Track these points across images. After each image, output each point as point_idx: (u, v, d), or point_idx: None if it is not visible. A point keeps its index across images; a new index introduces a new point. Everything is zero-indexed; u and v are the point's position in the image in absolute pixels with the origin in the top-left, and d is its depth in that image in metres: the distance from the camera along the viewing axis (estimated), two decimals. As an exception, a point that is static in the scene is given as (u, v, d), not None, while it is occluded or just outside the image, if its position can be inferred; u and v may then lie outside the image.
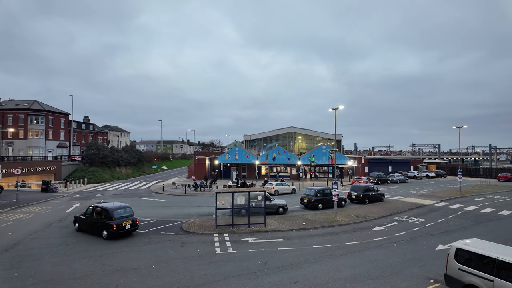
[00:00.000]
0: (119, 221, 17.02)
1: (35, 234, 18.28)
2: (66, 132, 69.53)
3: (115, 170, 57.90)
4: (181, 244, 16.14)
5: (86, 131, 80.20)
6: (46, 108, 65.42)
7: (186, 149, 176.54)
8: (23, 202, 28.92)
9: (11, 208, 26.15)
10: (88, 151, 56.41)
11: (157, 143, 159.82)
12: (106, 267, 12.76)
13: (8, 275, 11.98)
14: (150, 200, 32.08)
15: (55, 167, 47.58)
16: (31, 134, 61.82)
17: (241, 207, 20.11)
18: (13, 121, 62.02)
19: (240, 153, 51.20)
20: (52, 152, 63.60)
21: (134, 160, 65.17)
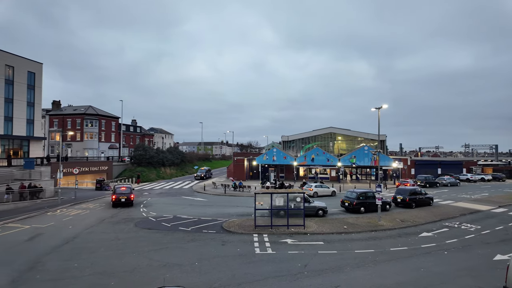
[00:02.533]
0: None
1: (91, 228, 19.95)
2: (116, 135, 74.86)
3: (160, 170, 61.09)
4: (222, 243, 16.58)
5: (134, 134, 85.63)
6: (99, 113, 71.03)
7: (225, 150, 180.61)
8: (80, 199, 31.71)
9: (71, 204, 28.81)
10: (136, 152, 60.24)
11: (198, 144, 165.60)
12: (153, 262, 13.55)
13: (69, 265, 13.23)
14: (193, 199, 33.34)
15: (107, 167, 51.46)
16: (86, 137, 67.58)
17: (279, 208, 20.12)
18: (71, 124, 68.30)
19: (277, 154, 51.18)
20: (104, 153, 68.86)
21: (177, 160, 68.20)
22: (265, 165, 52.66)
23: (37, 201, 28.88)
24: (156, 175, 57.82)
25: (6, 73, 45.49)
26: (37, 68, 50.69)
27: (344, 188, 39.86)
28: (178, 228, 19.84)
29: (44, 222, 21.71)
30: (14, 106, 46.51)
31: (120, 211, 25.83)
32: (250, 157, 56.33)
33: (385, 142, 64.76)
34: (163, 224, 21.01)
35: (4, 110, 45.11)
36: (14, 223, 21.29)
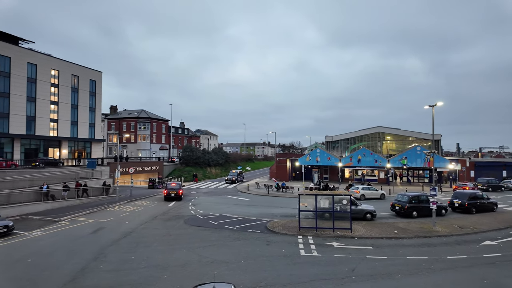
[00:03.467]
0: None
1: (145, 224, 21.45)
2: (166, 136, 79.36)
3: (206, 170, 63.47)
4: (267, 243, 16.77)
5: (182, 135, 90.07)
6: (151, 116, 75.91)
7: (267, 150, 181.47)
8: (135, 196, 34.20)
9: (127, 201, 31.22)
10: (184, 153, 63.34)
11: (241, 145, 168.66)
12: (202, 258, 14.18)
13: (127, 257, 14.40)
14: (237, 199, 34.12)
15: (158, 167, 54.82)
16: (139, 139, 72.65)
17: (324, 211, 19.75)
18: (126, 127, 73.91)
19: (321, 154, 50.16)
20: (155, 154, 73.38)
21: (222, 161, 70.28)
22: (308, 166, 51.96)
23: (99, 198, 31.79)
24: (202, 175, 60.15)
25: (72, 82, 50.76)
26: (97, 76, 55.80)
27: (394, 191, 37.77)
28: (224, 227, 20.49)
29: (105, 217, 23.84)
30: (78, 112, 51.71)
31: (170, 209, 27.37)
32: (292, 157, 55.97)
33: (440, 142, 59.98)
34: (210, 222, 21.84)
35: (71, 115, 50.37)
36: (80, 217, 23.69)
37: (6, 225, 18.37)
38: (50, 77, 47.01)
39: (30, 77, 44.25)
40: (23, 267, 13.12)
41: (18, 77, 42.52)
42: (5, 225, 18.37)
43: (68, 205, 27.81)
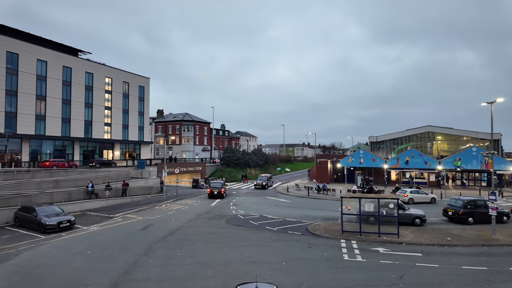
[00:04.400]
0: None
1: (190, 222, 22.38)
2: (208, 138, 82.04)
3: (246, 170, 64.42)
4: (308, 245, 16.57)
5: (222, 137, 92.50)
6: (194, 119, 79.03)
7: (306, 152, 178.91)
8: (180, 195, 35.82)
9: (173, 200, 32.82)
10: (225, 154, 64.99)
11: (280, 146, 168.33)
12: (244, 258, 14.45)
13: (173, 254, 15.15)
14: (277, 200, 34.15)
15: (201, 168, 56.86)
16: (184, 141, 75.99)
17: (369, 214, 18.99)
18: (172, 130, 77.76)
19: (365, 156, 48.24)
20: (198, 155, 76.19)
21: (261, 162, 70.86)
22: (350, 168, 50.28)
23: (148, 196, 33.85)
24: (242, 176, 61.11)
25: (123, 88, 54.69)
26: (145, 82, 59.48)
27: (446, 195, 35.04)
28: (264, 227, 20.64)
29: (153, 214, 25.31)
30: (129, 116, 55.53)
31: (213, 208, 28.24)
32: (333, 159, 54.57)
33: (500, 142, 54.37)
34: (251, 222, 22.14)
35: (122, 119, 54.27)
36: (131, 214, 25.41)
37: (69, 220, 20.37)
38: (104, 84, 51.14)
39: (88, 85, 48.53)
40: (83, 259, 14.44)
41: (78, 85, 46.89)
42: (68, 219, 20.37)
43: (121, 202, 29.97)
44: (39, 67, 42.24)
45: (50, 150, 43.69)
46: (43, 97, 42.64)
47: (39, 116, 42.19)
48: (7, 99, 38.96)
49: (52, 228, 19.28)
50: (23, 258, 14.49)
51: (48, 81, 43.19)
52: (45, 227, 19.15)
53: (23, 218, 20.74)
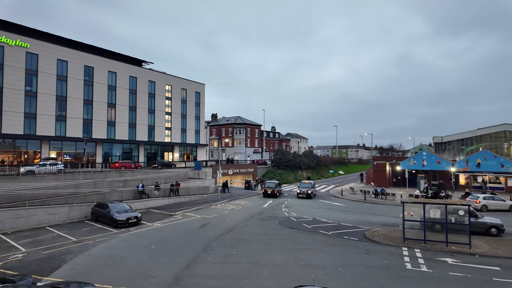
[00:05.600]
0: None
1: (244, 222, 22.92)
2: (259, 140, 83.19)
3: (297, 173, 63.84)
4: (366, 252, 15.83)
5: (273, 139, 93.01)
6: (245, 122, 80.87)
7: (362, 153, 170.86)
8: (234, 196, 36.91)
9: (227, 200, 33.95)
10: (275, 156, 65.22)
11: (332, 148, 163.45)
12: (298, 261, 14.35)
13: (229, 252, 15.67)
14: (330, 204, 33.22)
15: (253, 169, 57.86)
16: (236, 143, 78.17)
17: (435, 222, 17.45)
18: (225, 133, 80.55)
19: (428, 158, 44.41)
20: (249, 157, 77.64)
21: (313, 164, 69.56)
22: (412, 171, 46.73)
23: (204, 196, 35.52)
24: (293, 178, 60.70)
25: (181, 94, 58.30)
26: (201, 88, 62.62)
27: (530, 203, 30.54)
28: (318, 231, 20.24)
29: (210, 213, 26.47)
30: (187, 120, 58.96)
31: (265, 210, 28.55)
32: (392, 161, 51.24)
33: None
34: (303, 225, 21.89)
35: (181, 124, 57.84)
36: (190, 213, 26.89)
37: (136, 216, 22.31)
38: (164, 91, 55.10)
39: (150, 92, 52.74)
40: (149, 252, 15.70)
41: (142, 93, 51.24)
42: (135, 216, 22.33)
43: (180, 201, 31.91)
44: (110, 78, 47.14)
45: (119, 152, 48.43)
46: (113, 105, 47.46)
47: (110, 122, 47.02)
48: (85, 107, 44.18)
49: (122, 223, 21.31)
50: (99, 249, 16.27)
51: (117, 90, 47.96)
52: (116, 222, 21.26)
53: (98, 213, 23.29)
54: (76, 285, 9.60)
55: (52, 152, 41.13)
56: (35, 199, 23.27)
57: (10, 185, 24.95)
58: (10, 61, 37.36)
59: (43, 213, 22.14)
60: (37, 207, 22.14)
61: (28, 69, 38.93)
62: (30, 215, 21.47)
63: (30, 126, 38.92)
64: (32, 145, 39.71)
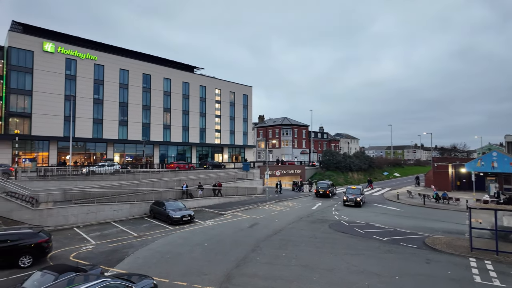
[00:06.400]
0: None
1: (292, 224, 22.74)
2: (306, 141, 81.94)
3: (347, 174, 61.50)
4: (426, 261, 14.63)
5: (321, 140, 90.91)
6: (292, 123, 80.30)
7: (419, 154, 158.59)
8: (282, 197, 36.84)
9: (275, 201, 34.01)
10: (324, 157, 63.60)
11: (386, 149, 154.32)
12: (350, 266, 13.79)
13: (278, 253, 15.66)
14: (385, 208, 31.39)
15: (300, 171, 57.18)
16: (283, 144, 78.00)
17: (509, 231, 15.49)
18: (272, 134, 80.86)
19: (500, 159, 39.56)
20: (296, 158, 76.88)
21: (364, 166, 66.41)
22: (479, 174, 42.07)
23: (252, 196, 36.05)
24: (344, 180, 58.58)
25: (230, 98, 60.02)
26: (248, 91, 63.79)
27: None
28: (372, 236, 19.25)
29: (258, 214, 26.76)
30: (235, 122, 60.51)
31: (314, 212, 27.99)
32: (455, 162, 46.68)
33: None
34: (356, 230, 20.99)
35: (229, 126, 59.54)
36: (239, 212, 27.48)
37: (189, 214, 23.46)
38: (214, 95, 57.28)
39: (201, 96, 55.22)
40: (201, 250, 16.39)
41: (194, 97, 53.88)
42: (189, 214, 23.48)
43: (230, 201, 32.80)
44: (165, 84, 50.42)
45: (173, 154, 51.48)
46: (168, 109, 50.65)
47: (166, 126, 50.24)
48: (143, 112, 47.82)
49: (177, 221, 22.56)
50: (157, 245, 17.43)
51: (172, 96, 51.09)
52: (172, 219, 22.59)
53: (156, 210, 24.97)
54: (137, 277, 10.39)
55: (116, 154, 45.25)
56: (102, 196, 25.78)
57: (81, 184, 28.00)
58: (81, 73, 42.02)
59: (109, 210, 24.43)
60: (104, 204, 24.51)
61: (96, 79, 43.39)
62: (98, 211, 23.83)
63: (98, 130, 43.29)
64: (100, 148, 44.12)
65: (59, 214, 21.84)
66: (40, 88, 38.68)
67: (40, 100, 38.62)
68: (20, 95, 37.65)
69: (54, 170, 31.57)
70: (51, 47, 39.48)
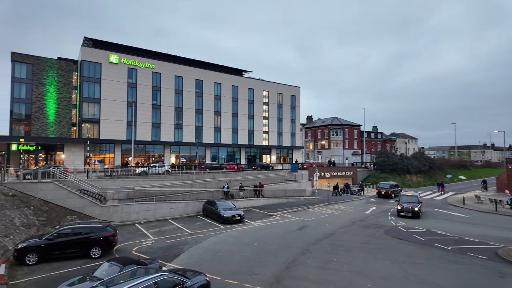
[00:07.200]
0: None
1: (344, 228, 21.93)
2: (358, 142, 78.46)
3: (405, 177, 57.46)
4: (500, 275, 13.03)
5: (374, 140, 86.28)
6: (343, 122, 77.56)
7: (489, 155, 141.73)
8: (332, 200, 35.76)
9: (325, 204, 33.15)
10: (378, 159, 60.25)
11: (449, 149, 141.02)
12: (408, 276, 12.87)
13: (329, 258, 15.22)
14: (448, 213, 28.66)
15: (352, 172, 54.92)
16: (332, 145, 75.72)
17: None
18: (321, 135, 79.02)
19: None
20: (348, 160, 74.00)
21: (424, 167, 61.42)
22: None
23: (301, 198, 35.61)
24: (400, 183, 54.74)
25: (277, 99, 60.15)
26: (296, 91, 63.27)
27: None
28: (433, 244, 17.71)
29: (307, 216, 26.33)
30: (282, 124, 60.46)
31: (368, 216, 26.67)
32: (537, 164, 40.75)
33: None
34: (414, 236, 19.51)
35: (277, 127, 59.67)
36: (288, 214, 27.34)
37: (239, 214, 24.02)
38: (262, 97, 57.93)
39: (250, 99, 56.24)
40: (251, 249, 16.65)
41: (242, 100, 55.12)
42: (239, 214, 24.04)
43: (278, 202, 32.83)
44: (215, 88, 52.42)
45: (223, 155, 53.21)
46: (218, 113, 52.53)
47: (216, 128, 52.18)
48: (196, 116, 50.26)
49: (228, 220, 23.25)
50: (210, 242, 18.15)
51: (222, 99, 52.90)
52: (223, 218, 23.35)
53: (208, 209, 26.04)
54: (192, 273, 10.93)
55: (172, 155, 48.23)
56: (160, 195, 27.64)
57: (142, 183, 30.34)
58: (141, 81, 45.66)
59: (166, 207, 26.10)
60: (161, 202, 26.27)
61: (154, 86, 46.78)
62: (157, 209, 25.60)
63: (156, 133, 46.61)
64: (158, 149, 47.43)
65: (123, 211, 23.96)
66: (107, 96, 42.92)
67: (107, 107, 42.85)
68: (91, 103, 42.19)
69: (118, 170, 34.74)
70: (116, 59, 43.58)
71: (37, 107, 40.33)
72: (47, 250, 14.45)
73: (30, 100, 40.03)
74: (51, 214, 20.78)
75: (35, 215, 19.84)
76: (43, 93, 40.69)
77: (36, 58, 40.71)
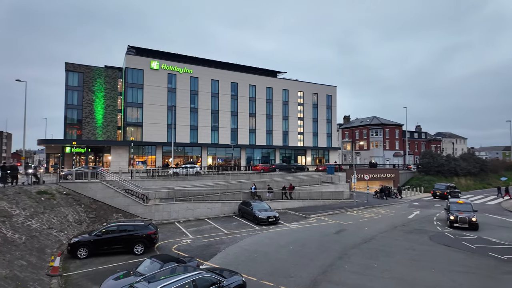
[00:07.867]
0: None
1: (384, 233, 20.94)
2: (400, 142, 74.56)
3: (452, 180, 53.41)
4: None
5: (418, 140, 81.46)
6: (383, 122, 74.22)
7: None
8: (371, 203, 34.34)
9: (364, 207, 31.91)
10: (422, 160, 56.77)
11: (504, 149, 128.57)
12: (457, 286, 11.96)
13: (369, 264, 14.61)
14: (503, 220, 26.18)
15: (394, 175, 52.28)
16: (372, 145, 72.75)
17: None
18: (359, 135, 76.33)
19: None
20: (389, 161, 70.63)
21: (475, 169, 56.69)
22: None
23: (338, 201, 34.62)
24: (447, 186, 51.03)
25: (313, 99, 59.21)
26: (332, 91, 61.80)
27: None
28: (486, 253, 16.27)
29: (345, 219, 25.53)
30: (318, 124, 59.35)
31: (411, 221, 25.24)
32: None
33: None
34: (464, 244, 18.07)
35: (312, 128, 58.72)
36: (324, 217, 26.72)
37: (274, 216, 23.96)
38: (297, 98, 57.39)
39: (284, 100, 56.00)
40: (287, 251, 16.52)
41: (277, 101, 55.04)
42: (274, 215, 23.99)
43: (314, 205, 32.23)
44: (250, 90, 52.95)
45: (258, 156, 53.49)
46: (253, 114, 52.98)
47: (251, 130, 52.65)
48: (232, 118, 51.14)
49: (263, 221, 23.30)
50: (245, 243, 18.32)
51: (257, 101, 53.30)
52: (258, 219, 23.45)
53: (243, 210, 26.31)
54: (228, 273, 11.11)
55: (209, 157, 49.54)
56: (198, 195, 28.49)
57: (181, 183, 31.47)
58: (180, 85, 47.53)
59: (204, 207, 26.83)
60: (199, 202, 27.06)
61: (192, 90, 48.46)
62: (195, 208, 26.42)
63: (194, 136, 48.20)
64: (195, 151, 49.01)
65: (164, 210, 25.06)
66: (149, 100, 45.28)
67: (149, 111, 45.21)
68: (134, 108, 44.77)
69: (159, 171, 36.41)
70: (156, 65, 45.86)
71: (87, 112, 43.73)
72: (96, 245, 15.57)
73: (81, 106, 43.53)
74: (99, 212, 22.35)
75: (85, 212, 21.49)
76: (92, 99, 44.02)
77: (87, 67, 44.20)
